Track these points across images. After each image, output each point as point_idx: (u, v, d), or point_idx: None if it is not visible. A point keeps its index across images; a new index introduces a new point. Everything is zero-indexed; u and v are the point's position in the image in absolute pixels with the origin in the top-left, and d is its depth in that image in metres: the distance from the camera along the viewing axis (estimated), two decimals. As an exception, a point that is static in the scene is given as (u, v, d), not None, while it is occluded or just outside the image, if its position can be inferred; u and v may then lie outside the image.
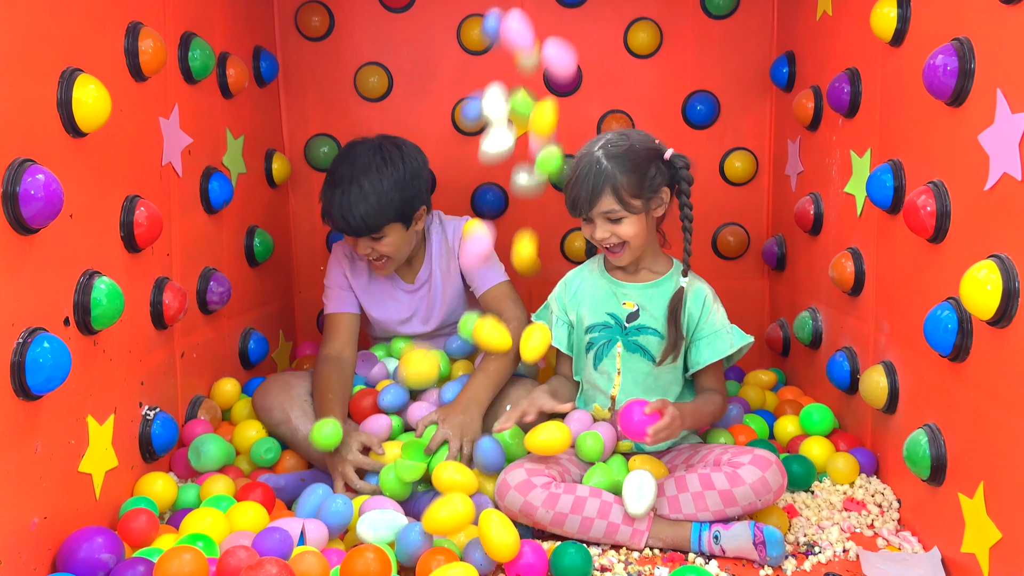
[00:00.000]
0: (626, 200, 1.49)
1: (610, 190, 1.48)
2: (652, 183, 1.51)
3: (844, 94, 1.72)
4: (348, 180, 1.75)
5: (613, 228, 1.51)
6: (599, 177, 1.48)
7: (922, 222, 1.34)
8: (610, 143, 1.51)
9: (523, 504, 1.38)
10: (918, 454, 1.34)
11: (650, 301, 1.57)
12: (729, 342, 1.56)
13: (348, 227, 1.76)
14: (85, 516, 1.28)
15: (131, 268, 1.47)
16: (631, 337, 1.57)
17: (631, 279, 1.60)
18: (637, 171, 1.49)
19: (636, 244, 1.54)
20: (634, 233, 1.51)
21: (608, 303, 1.59)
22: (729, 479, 1.37)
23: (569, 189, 1.52)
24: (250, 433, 1.66)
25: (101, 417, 1.34)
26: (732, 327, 1.59)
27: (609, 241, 1.53)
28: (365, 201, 1.72)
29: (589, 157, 1.51)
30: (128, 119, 1.46)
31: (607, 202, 1.49)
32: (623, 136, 1.53)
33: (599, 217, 1.51)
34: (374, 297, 1.94)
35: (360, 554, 1.13)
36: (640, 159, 1.50)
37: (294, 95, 2.29)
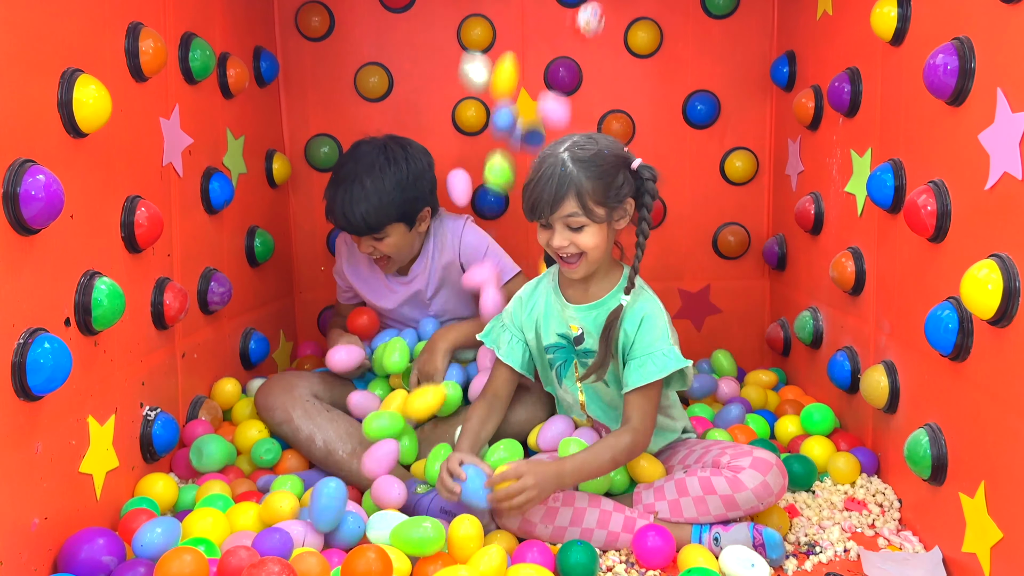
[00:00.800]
0: (590, 207, 1.38)
1: (574, 195, 1.37)
2: (618, 192, 1.41)
3: (844, 93, 1.72)
4: (351, 179, 1.76)
5: (573, 237, 1.40)
6: (564, 180, 1.37)
7: (922, 221, 1.34)
8: (577, 145, 1.41)
9: (522, 521, 1.38)
10: (919, 454, 1.34)
11: (593, 323, 1.47)
12: (661, 365, 1.41)
13: (349, 226, 1.77)
14: (86, 517, 1.28)
15: (132, 268, 1.47)
16: (582, 359, 1.51)
17: (579, 299, 1.50)
18: (604, 177, 1.39)
19: (594, 257, 1.42)
20: (594, 244, 1.40)
21: (559, 324, 1.51)
22: (731, 484, 1.37)
23: (529, 190, 1.41)
24: (251, 433, 1.66)
25: (102, 418, 1.34)
26: (671, 349, 1.42)
27: (567, 250, 1.42)
28: (367, 200, 1.74)
29: (554, 158, 1.40)
30: (129, 119, 1.46)
31: (569, 207, 1.38)
32: (591, 139, 1.43)
33: (559, 223, 1.40)
34: (369, 286, 1.98)
35: (361, 554, 1.13)
36: (608, 165, 1.40)
37: (294, 95, 2.29)
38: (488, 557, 1.21)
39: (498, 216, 2.31)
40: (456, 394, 1.66)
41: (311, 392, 1.74)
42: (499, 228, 2.21)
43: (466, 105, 2.27)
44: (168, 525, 1.23)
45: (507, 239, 2.15)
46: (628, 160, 1.44)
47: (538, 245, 2.29)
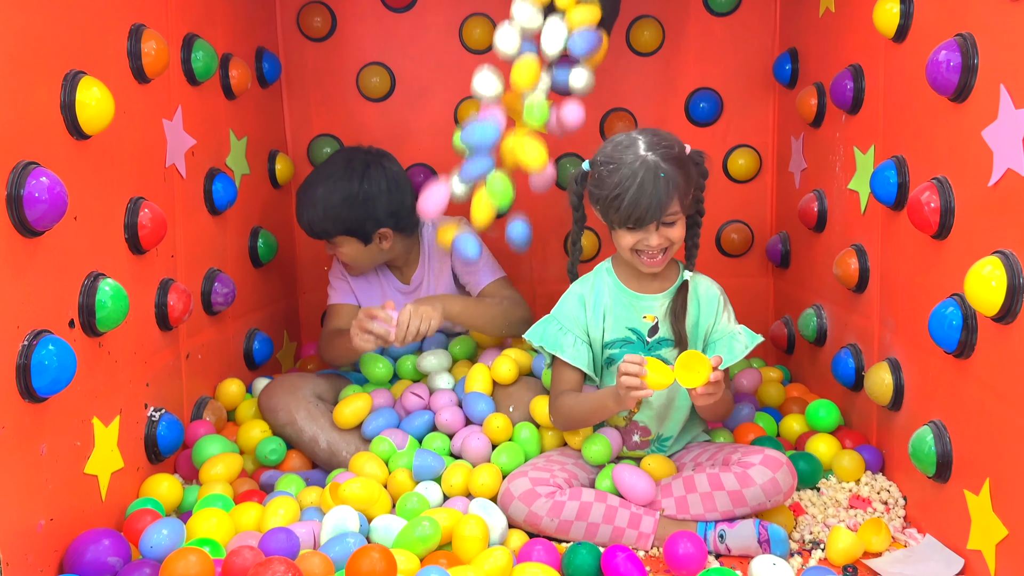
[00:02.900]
0: (685, 203, 1.42)
1: (676, 195, 1.39)
2: (695, 181, 1.46)
3: (847, 91, 1.72)
4: (311, 183, 1.86)
5: (666, 232, 1.42)
6: (667, 183, 1.37)
7: (926, 218, 1.34)
8: (657, 145, 1.40)
9: (527, 515, 1.38)
10: (923, 451, 1.34)
11: (667, 312, 1.51)
12: (744, 344, 1.51)
13: (302, 227, 1.89)
14: (91, 518, 1.29)
15: (136, 270, 1.47)
16: (654, 352, 1.51)
17: (647, 290, 1.52)
18: (685, 170, 1.42)
19: (677, 247, 1.47)
20: (680, 235, 1.44)
21: (629, 318, 1.51)
22: (739, 479, 1.37)
23: (628, 200, 1.37)
24: (254, 433, 1.67)
25: (107, 419, 1.35)
26: (743, 328, 1.53)
27: (661, 247, 1.43)
28: (313, 208, 1.84)
29: (645, 163, 1.37)
30: (131, 121, 1.47)
31: (674, 207, 1.40)
32: (660, 135, 1.44)
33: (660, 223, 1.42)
34: (370, 296, 1.99)
35: (365, 554, 1.13)
36: (685, 161, 1.43)
37: (296, 96, 2.30)
38: (494, 558, 1.21)
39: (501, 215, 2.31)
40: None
41: (315, 393, 1.75)
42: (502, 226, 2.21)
43: (468, 105, 2.27)
44: (173, 526, 1.23)
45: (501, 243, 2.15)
46: (686, 150, 1.48)
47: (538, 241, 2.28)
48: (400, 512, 1.38)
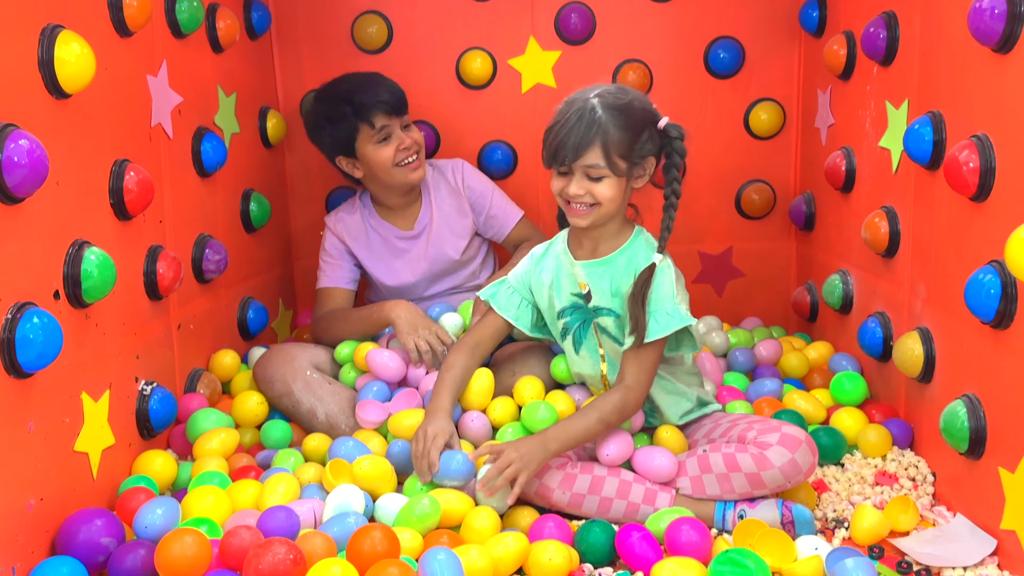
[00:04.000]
0: (613, 159, 1.40)
1: (600, 144, 1.39)
2: (642, 148, 1.43)
3: (880, 40, 1.68)
4: (366, 75, 1.94)
5: (590, 186, 1.42)
6: (591, 127, 1.38)
7: (964, 179, 1.32)
8: (608, 93, 1.43)
9: (539, 487, 1.39)
10: (955, 426, 1.34)
11: (600, 280, 1.49)
12: (663, 324, 1.42)
13: (398, 101, 1.90)
14: (83, 497, 1.30)
15: (122, 237, 1.46)
16: (591, 319, 1.52)
17: (586, 255, 1.52)
18: (631, 131, 1.41)
19: (607, 210, 1.44)
20: (610, 196, 1.42)
21: (571, 283, 1.53)
22: (756, 462, 1.36)
23: (552, 134, 1.42)
24: (250, 404, 1.67)
25: (96, 394, 1.35)
26: (675, 308, 1.43)
27: (582, 199, 1.43)
28: (390, 80, 1.94)
29: (583, 103, 1.41)
30: (114, 78, 1.45)
31: (593, 156, 1.39)
32: (622, 90, 1.44)
33: (579, 171, 1.41)
34: (374, 252, 2.00)
35: (366, 533, 1.14)
36: (636, 119, 1.41)
37: (288, 48, 2.26)
38: (504, 544, 1.22)
39: (507, 175, 2.29)
40: None
41: (312, 363, 1.75)
42: (508, 188, 2.19)
43: (471, 56, 2.24)
44: (168, 505, 1.24)
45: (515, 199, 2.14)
46: (655, 117, 1.45)
47: (548, 202, 2.30)
48: (407, 492, 1.39)
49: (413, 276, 1.99)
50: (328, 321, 1.90)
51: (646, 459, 1.42)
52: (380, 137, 1.88)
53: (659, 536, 1.31)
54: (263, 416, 1.69)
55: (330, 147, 1.95)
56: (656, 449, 1.44)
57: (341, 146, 1.92)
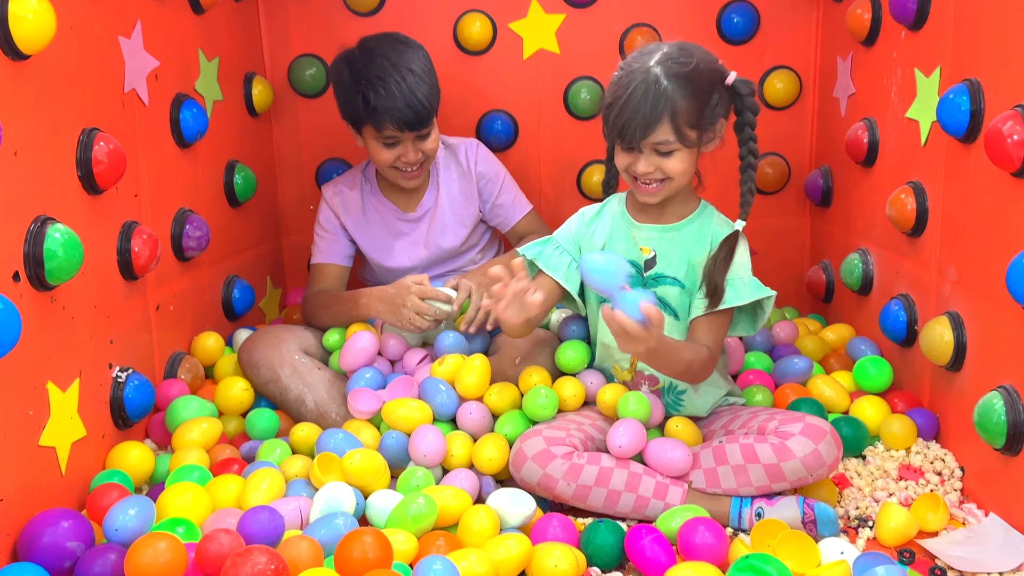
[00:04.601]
0: (683, 132, 1.32)
1: (668, 119, 1.30)
2: (712, 113, 1.35)
3: (910, 2, 1.57)
4: (396, 69, 1.69)
5: (660, 162, 1.34)
6: (658, 101, 1.29)
7: (1008, 153, 1.21)
8: (671, 59, 1.32)
9: (542, 477, 1.30)
10: (991, 419, 1.25)
11: (669, 246, 1.42)
12: (740, 292, 1.37)
13: (415, 117, 1.69)
14: (50, 495, 1.21)
15: (92, 212, 1.36)
16: (650, 288, 1.43)
17: (651, 220, 1.45)
18: (699, 97, 1.32)
19: (678, 183, 1.38)
20: (682, 170, 1.35)
21: (626, 248, 1.45)
22: (777, 452, 1.28)
23: (616, 111, 1.32)
24: (234, 390, 1.57)
25: (64, 383, 1.26)
26: (752, 279, 1.40)
27: (652, 176, 1.36)
28: (420, 85, 1.70)
29: (646, 74, 1.31)
30: (80, 39, 1.33)
31: (663, 132, 1.31)
32: (685, 51, 1.34)
33: (647, 147, 1.34)
34: (372, 233, 1.89)
35: (357, 538, 1.05)
36: (704, 83, 1.33)
37: (275, 10, 2.14)
38: (505, 547, 1.14)
39: (507, 147, 2.18)
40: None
41: (301, 348, 1.66)
42: (510, 160, 2.09)
43: (469, 19, 2.12)
44: (142, 505, 1.15)
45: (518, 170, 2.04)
46: (723, 75, 1.37)
47: (549, 176, 2.20)
48: (402, 489, 1.30)
49: (410, 261, 1.88)
50: (314, 306, 1.80)
51: (659, 452, 1.33)
52: (385, 141, 1.74)
53: (671, 536, 1.23)
54: (248, 403, 1.59)
55: (340, 109, 1.81)
56: (670, 441, 1.35)
57: (347, 118, 1.79)
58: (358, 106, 1.70)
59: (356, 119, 1.75)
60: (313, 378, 1.60)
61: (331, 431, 1.40)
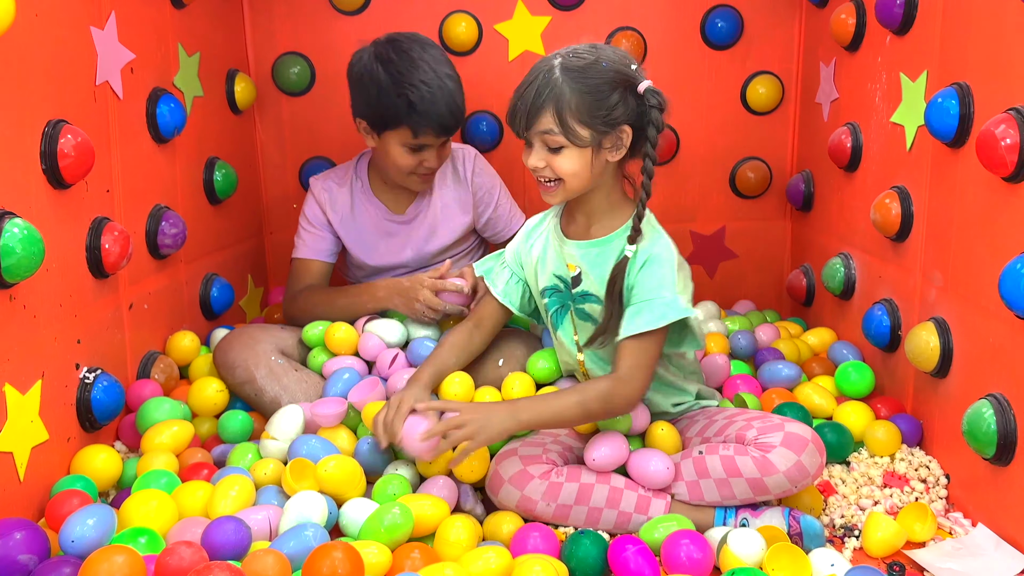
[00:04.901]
0: (570, 125, 1.20)
1: (552, 108, 1.20)
2: (610, 114, 1.21)
3: (895, 6, 1.49)
4: (438, 74, 1.59)
5: (550, 158, 1.23)
6: (544, 89, 1.20)
7: (1000, 157, 1.13)
8: (573, 53, 1.23)
9: (520, 499, 1.21)
10: (981, 429, 1.17)
11: (593, 263, 1.30)
12: (659, 314, 1.22)
13: (454, 124, 1.63)
14: (6, 503, 1.10)
15: (58, 207, 1.25)
16: (579, 304, 1.33)
17: (579, 235, 1.33)
18: (593, 93, 1.20)
19: (572, 185, 1.25)
20: (573, 171, 1.23)
21: (556, 263, 1.34)
22: (759, 466, 1.19)
23: (512, 99, 1.25)
24: (208, 391, 1.47)
25: (23, 385, 1.15)
26: (674, 297, 1.24)
27: (542, 173, 1.25)
28: (460, 90, 1.64)
29: (543, 64, 1.23)
30: (47, 28, 1.23)
31: (546, 122, 1.21)
32: (592, 49, 1.24)
33: (537, 140, 1.24)
34: (359, 232, 1.78)
35: (326, 553, 0.96)
36: (602, 80, 1.20)
37: (259, 7, 2.04)
38: (484, 560, 1.04)
39: (491, 148, 2.09)
40: None
41: (277, 348, 1.56)
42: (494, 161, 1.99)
43: (455, 20, 2.02)
44: (101, 514, 1.05)
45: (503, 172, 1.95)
46: (632, 80, 1.23)
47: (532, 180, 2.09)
48: (377, 497, 1.21)
49: (396, 260, 1.78)
50: (307, 302, 1.69)
51: (641, 464, 1.24)
52: (412, 146, 1.62)
53: (654, 547, 1.14)
54: (223, 405, 1.49)
55: (361, 108, 1.66)
56: (651, 452, 1.26)
57: (371, 119, 1.63)
58: (397, 108, 1.57)
59: (386, 121, 1.61)
60: (290, 379, 1.50)
61: (305, 436, 1.30)
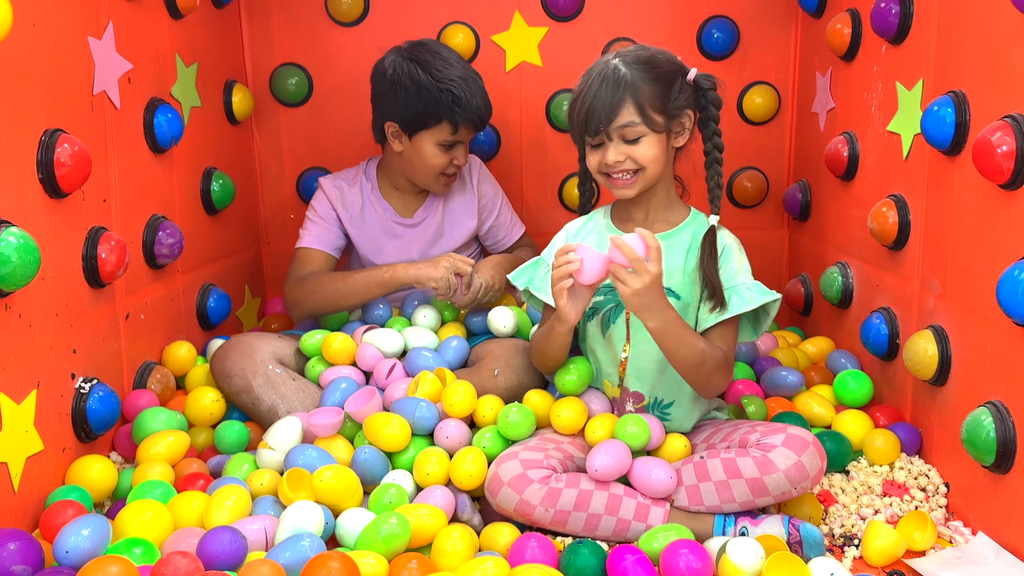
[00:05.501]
0: (649, 114, 1.27)
1: (631, 100, 1.26)
2: (677, 100, 1.29)
3: (891, 15, 1.50)
4: (469, 73, 1.70)
5: (629, 150, 1.28)
6: (619, 84, 1.26)
7: (997, 164, 1.14)
8: (627, 52, 1.30)
9: (518, 503, 1.20)
10: (980, 436, 1.16)
11: (663, 256, 1.32)
12: (746, 299, 1.31)
13: (488, 115, 1.73)
14: (1, 514, 1.09)
15: (54, 217, 1.25)
16: None
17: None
18: (661, 81, 1.28)
19: (652, 172, 1.30)
20: (652, 157, 1.29)
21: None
22: (759, 465, 1.18)
23: (578, 104, 1.29)
24: (204, 401, 1.46)
25: (18, 395, 1.14)
26: (755, 283, 1.33)
27: (623, 166, 1.29)
28: (484, 91, 1.72)
29: (603, 67, 1.29)
30: (45, 36, 1.23)
31: (627, 114, 1.26)
32: (642, 47, 1.32)
33: (615, 135, 1.28)
34: (367, 231, 1.80)
35: (322, 563, 0.95)
36: (664, 70, 1.29)
37: (257, 18, 2.04)
38: (482, 570, 1.03)
39: (489, 158, 2.09)
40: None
41: (274, 356, 1.55)
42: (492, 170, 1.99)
43: (452, 31, 2.03)
44: (96, 524, 1.04)
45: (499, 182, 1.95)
46: (683, 69, 1.32)
47: (531, 188, 2.11)
48: (374, 507, 1.20)
49: (401, 259, 1.79)
50: (319, 280, 1.68)
51: (642, 472, 1.23)
52: (447, 143, 1.68)
53: (653, 556, 1.13)
54: (220, 414, 1.48)
55: (395, 110, 1.68)
56: (654, 461, 1.25)
57: (408, 119, 1.66)
58: (439, 103, 1.64)
59: (425, 119, 1.66)
60: (287, 388, 1.49)
61: (302, 446, 1.29)
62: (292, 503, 1.14)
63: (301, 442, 1.34)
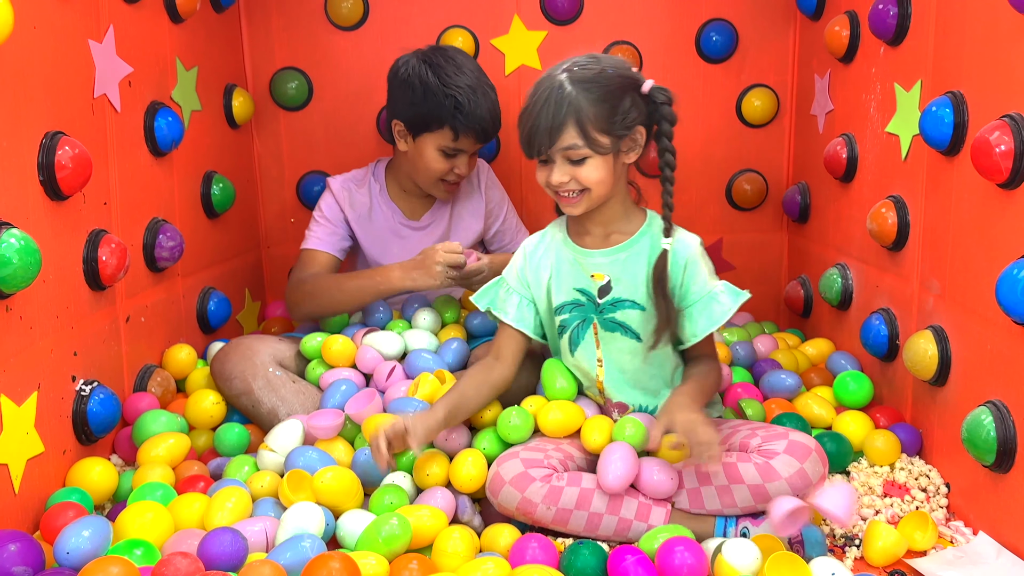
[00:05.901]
0: (592, 136, 1.22)
1: (573, 122, 1.21)
2: (625, 118, 1.24)
3: (889, 17, 1.50)
4: (481, 83, 1.68)
5: (574, 171, 1.24)
6: (561, 105, 1.21)
7: (995, 164, 1.14)
8: (577, 66, 1.24)
9: (520, 501, 1.20)
10: (981, 436, 1.16)
11: (623, 269, 1.31)
12: (726, 306, 1.30)
13: (493, 131, 1.70)
14: (2, 515, 1.09)
15: (55, 219, 1.25)
16: (607, 315, 1.33)
17: (599, 244, 1.34)
18: (607, 101, 1.22)
19: (598, 193, 1.26)
20: (598, 179, 1.24)
21: (575, 277, 1.34)
22: (762, 472, 1.18)
23: (524, 121, 1.25)
24: (205, 403, 1.46)
25: (19, 397, 1.14)
26: (723, 285, 1.31)
27: (567, 187, 1.26)
28: (498, 102, 1.70)
29: (550, 81, 1.23)
30: (46, 39, 1.23)
31: (569, 136, 1.22)
32: (593, 59, 1.26)
33: (559, 156, 1.24)
34: (374, 233, 1.80)
35: (323, 564, 0.95)
36: (612, 87, 1.23)
37: (257, 23, 2.05)
38: (483, 571, 1.03)
39: (488, 162, 2.09)
40: None
41: (275, 359, 1.55)
42: (490, 174, 2.00)
43: (452, 35, 2.04)
44: (97, 525, 1.04)
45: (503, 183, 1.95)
46: (637, 82, 1.26)
47: (532, 190, 2.11)
48: (374, 508, 1.20)
49: None
50: (316, 285, 1.67)
51: (645, 473, 1.23)
52: (449, 149, 1.67)
53: (654, 557, 1.13)
54: (220, 417, 1.48)
55: (402, 109, 1.69)
56: (656, 462, 1.25)
57: (412, 119, 1.67)
58: (442, 108, 1.63)
59: (429, 122, 1.65)
60: (287, 391, 1.49)
61: (302, 448, 1.29)
62: (292, 504, 1.14)
63: (301, 444, 1.34)
